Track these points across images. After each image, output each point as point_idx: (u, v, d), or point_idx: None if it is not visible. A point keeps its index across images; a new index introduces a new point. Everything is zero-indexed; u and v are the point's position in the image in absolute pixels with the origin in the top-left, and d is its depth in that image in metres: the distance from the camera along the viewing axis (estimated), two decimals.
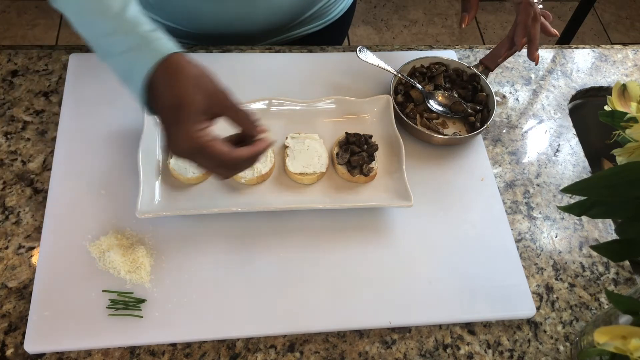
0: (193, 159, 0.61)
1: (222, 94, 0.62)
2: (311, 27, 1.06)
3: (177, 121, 0.59)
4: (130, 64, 0.61)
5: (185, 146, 0.59)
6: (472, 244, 0.80)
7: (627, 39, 2.60)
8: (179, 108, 0.59)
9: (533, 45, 0.89)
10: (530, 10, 0.86)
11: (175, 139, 0.60)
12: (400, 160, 0.83)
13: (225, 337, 0.70)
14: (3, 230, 0.75)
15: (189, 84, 0.60)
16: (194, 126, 0.59)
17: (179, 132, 0.59)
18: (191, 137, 0.59)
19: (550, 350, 0.74)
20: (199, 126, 0.60)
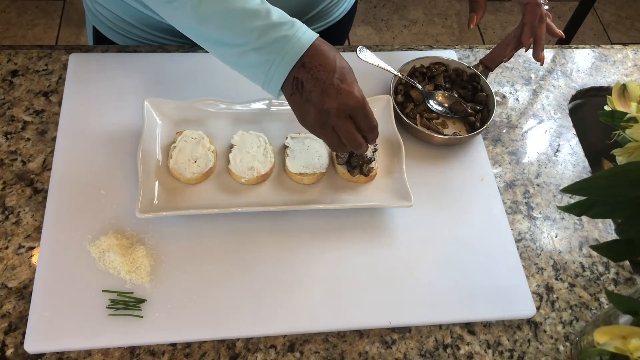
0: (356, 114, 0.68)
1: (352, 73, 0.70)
2: (313, 28, 1.06)
3: (350, 77, 0.68)
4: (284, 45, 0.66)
5: (356, 100, 0.67)
6: (472, 244, 0.80)
7: (627, 39, 2.60)
8: (348, 70, 0.68)
9: (539, 46, 0.90)
10: (537, 11, 0.87)
11: (350, 93, 0.66)
12: (400, 160, 0.83)
13: (225, 337, 0.70)
14: (3, 230, 0.75)
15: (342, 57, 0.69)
16: (359, 87, 0.69)
17: (353, 87, 0.67)
18: (362, 93, 0.68)
19: (550, 350, 0.74)
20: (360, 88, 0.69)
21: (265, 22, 0.66)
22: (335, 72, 0.66)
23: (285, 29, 0.67)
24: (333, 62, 0.67)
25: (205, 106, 0.85)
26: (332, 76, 0.66)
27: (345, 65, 0.68)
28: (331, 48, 0.68)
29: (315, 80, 0.66)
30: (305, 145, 0.82)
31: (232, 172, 0.80)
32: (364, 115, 0.69)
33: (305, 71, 0.66)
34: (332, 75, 0.66)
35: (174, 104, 0.84)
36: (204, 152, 0.80)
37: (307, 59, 0.66)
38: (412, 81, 0.92)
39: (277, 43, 0.66)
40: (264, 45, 0.67)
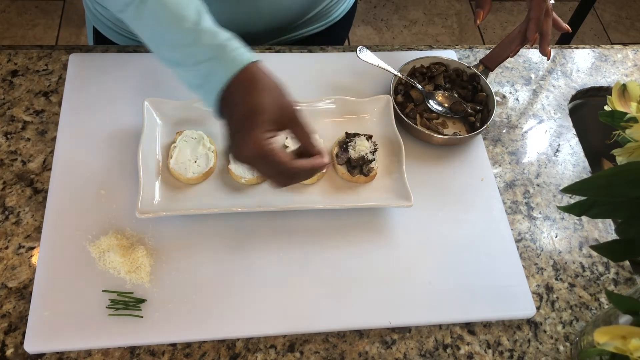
0: (255, 164, 0.64)
1: (291, 107, 0.66)
2: (312, 28, 1.06)
3: (248, 127, 0.62)
4: (206, 74, 0.64)
5: (251, 152, 0.62)
6: (472, 244, 0.80)
7: (627, 39, 2.60)
8: (252, 115, 0.62)
9: (545, 41, 0.90)
10: (543, 6, 0.87)
11: (243, 144, 0.62)
12: (400, 160, 0.83)
13: (225, 337, 0.70)
14: (3, 230, 0.75)
15: (264, 94, 0.63)
16: (263, 134, 0.62)
17: (248, 137, 0.62)
18: (259, 143, 0.62)
19: (550, 350, 0.74)
20: (267, 134, 0.63)
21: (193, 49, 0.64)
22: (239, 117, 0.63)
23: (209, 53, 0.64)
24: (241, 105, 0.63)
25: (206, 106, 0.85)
26: (235, 121, 0.63)
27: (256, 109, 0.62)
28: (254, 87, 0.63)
29: (228, 120, 0.64)
30: None
31: (232, 172, 0.80)
32: (269, 166, 0.63)
33: (225, 107, 0.64)
34: (235, 119, 0.63)
35: (174, 104, 0.84)
36: (204, 152, 0.80)
37: (226, 95, 0.63)
38: (412, 81, 0.92)
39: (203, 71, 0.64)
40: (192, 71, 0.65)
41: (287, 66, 0.95)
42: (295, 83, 0.92)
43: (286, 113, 0.65)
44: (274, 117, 0.63)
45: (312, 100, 0.88)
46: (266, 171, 0.64)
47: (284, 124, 0.65)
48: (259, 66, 0.64)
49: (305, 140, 0.67)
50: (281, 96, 0.65)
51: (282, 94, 0.65)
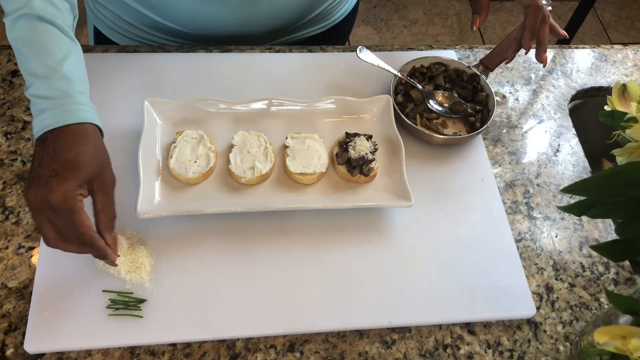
0: (50, 213, 0.61)
1: (110, 176, 0.66)
2: (313, 29, 1.06)
3: (64, 176, 0.61)
4: (41, 110, 0.63)
5: (57, 200, 0.60)
6: (472, 244, 0.80)
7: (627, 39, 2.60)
8: (73, 167, 0.61)
9: (542, 48, 0.90)
10: (538, 14, 0.86)
11: (52, 189, 0.60)
12: (400, 160, 0.83)
13: (225, 337, 0.70)
14: (3, 230, 0.75)
15: (90, 150, 0.63)
16: (76, 188, 0.62)
17: (62, 186, 0.60)
18: (70, 195, 0.61)
19: (550, 350, 0.74)
20: (79, 190, 0.62)
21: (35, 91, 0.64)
22: (57, 163, 0.61)
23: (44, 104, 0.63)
24: (65, 151, 0.61)
25: (205, 106, 0.85)
26: (51, 164, 0.61)
27: (77, 161, 0.62)
28: (85, 141, 0.63)
29: (40, 161, 0.61)
30: (305, 145, 0.82)
31: (232, 172, 0.80)
32: (67, 221, 0.61)
33: (42, 148, 0.62)
34: (52, 163, 0.61)
35: (174, 104, 0.84)
36: (204, 152, 0.80)
37: (50, 136, 0.62)
38: (412, 81, 0.92)
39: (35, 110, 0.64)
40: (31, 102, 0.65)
41: (287, 66, 0.95)
42: (295, 83, 0.93)
43: (103, 178, 0.65)
44: (90, 176, 0.63)
45: (312, 100, 0.88)
46: (57, 225, 0.62)
47: (95, 189, 0.64)
48: (95, 130, 0.65)
49: (105, 216, 0.66)
50: (105, 160, 0.66)
51: (106, 160, 0.66)
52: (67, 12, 0.70)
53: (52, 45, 0.66)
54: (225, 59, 0.95)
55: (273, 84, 0.92)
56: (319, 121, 0.88)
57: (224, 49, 0.97)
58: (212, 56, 0.95)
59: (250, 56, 0.96)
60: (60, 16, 0.68)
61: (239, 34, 0.97)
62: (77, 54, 0.68)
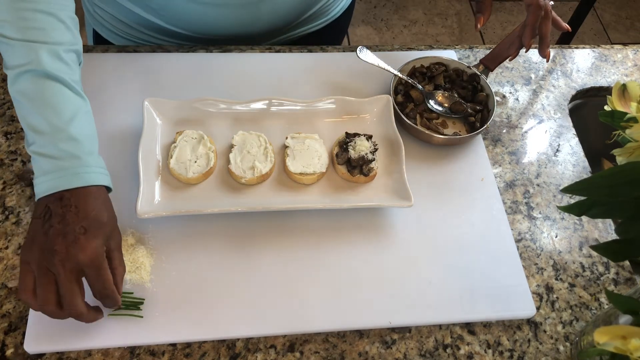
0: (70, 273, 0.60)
1: (119, 234, 0.67)
2: (311, 26, 1.06)
3: (93, 232, 0.61)
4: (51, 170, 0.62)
5: (89, 256, 0.60)
6: (472, 244, 0.80)
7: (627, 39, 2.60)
8: (99, 223, 0.62)
9: (544, 43, 0.91)
10: (539, 12, 0.87)
11: (83, 246, 0.60)
12: (400, 160, 0.83)
13: (225, 337, 0.70)
14: (3, 230, 0.75)
15: (107, 211, 0.64)
16: (102, 245, 0.62)
17: (91, 241, 0.61)
18: (100, 251, 0.62)
19: (550, 350, 0.74)
20: (103, 247, 0.63)
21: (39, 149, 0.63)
22: (85, 220, 0.61)
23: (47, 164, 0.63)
24: (90, 210, 0.62)
25: (205, 106, 0.85)
26: (78, 222, 0.61)
27: (101, 220, 0.63)
28: (102, 201, 0.64)
29: (62, 218, 0.61)
30: (305, 145, 0.82)
31: (232, 172, 0.80)
32: (96, 277, 0.61)
33: (59, 205, 0.61)
34: (79, 221, 0.61)
35: (174, 104, 0.84)
36: (204, 152, 0.80)
37: (67, 195, 0.62)
38: (412, 81, 0.92)
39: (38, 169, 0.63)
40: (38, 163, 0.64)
41: (287, 66, 0.95)
42: (295, 83, 0.93)
43: (117, 238, 0.66)
44: (108, 236, 0.64)
45: (312, 100, 0.88)
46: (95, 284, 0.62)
47: (112, 249, 0.65)
48: (106, 192, 0.66)
49: (121, 271, 0.66)
50: (115, 221, 0.66)
51: (115, 220, 0.67)
52: (74, 64, 0.68)
53: (60, 104, 0.64)
54: (225, 59, 0.95)
55: (273, 84, 0.92)
56: (319, 121, 0.88)
57: (224, 49, 0.97)
58: (212, 56, 0.95)
59: (250, 56, 0.96)
60: (68, 71, 0.66)
61: (238, 34, 0.97)
62: (86, 110, 0.67)
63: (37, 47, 0.64)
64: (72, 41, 0.69)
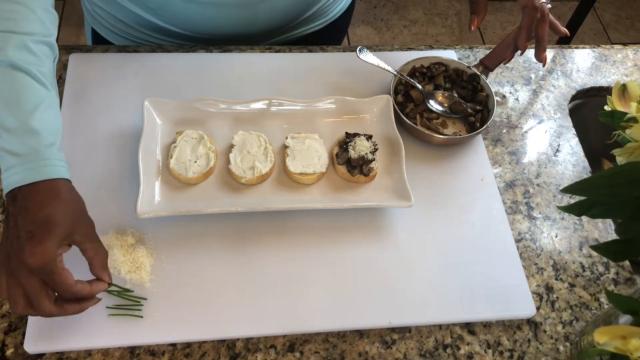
0: (26, 276, 0.58)
1: (89, 223, 0.64)
2: (311, 27, 1.06)
3: (40, 237, 0.58)
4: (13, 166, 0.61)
5: (36, 262, 0.58)
6: (472, 244, 0.80)
7: (627, 39, 2.60)
8: (47, 226, 0.59)
9: (540, 47, 0.89)
10: (534, 14, 0.86)
11: (30, 253, 0.58)
12: (400, 160, 0.83)
13: (225, 337, 0.70)
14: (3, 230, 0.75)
15: (62, 207, 0.61)
16: (55, 248, 0.59)
17: (39, 247, 0.58)
18: (50, 256, 0.58)
19: (550, 350, 0.74)
20: (59, 249, 0.60)
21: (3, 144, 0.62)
22: (32, 224, 0.59)
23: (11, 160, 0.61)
24: (38, 211, 0.59)
25: (205, 106, 0.85)
26: (26, 226, 0.58)
27: (52, 220, 0.59)
28: (55, 197, 0.61)
29: (15, 221, 0.59)
30: (305, 145, 0.82)
31: (232, 172, 0.80)
32: (52, 282, 0.59)
33: (14, 205, 0.60)
34: (27, 225, 0.58)
35: (174, 104, 0.84)
36: (204, 152, 0.80)
37: (19, 194, 0.60)
38: (412, 81, 0.92)
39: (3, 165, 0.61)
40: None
41: (287, 66, 0.95)
42: (295, 83, 0.93)
43: (84, 229, 0.63)
44: (68, 231, 0.61)
45: (312, 100, 0.88)
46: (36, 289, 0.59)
47: (77, 240, 0.63)
48: (65, 183, 0.63)
49: (99, 260, 0.64)
50: (81, 212, 0.64)
51: (81, 210, 0.64)
52: (45, 56, 0.67)
53: (23, 96, 0.63)
54: (225, 59, 0.95)
55: (273, 84, 0.92)
56: (319, 121, 0.88)
57: (224, 49, 0.97)
58: (212, 56, 0.95)
59: (250, 56, 0.96)
60: (37, 62, 0.65)
61: (237, 34, 0.97)
62: (50, 102, 0.65)
63: (4, 37, 0.63)
64: (44, 32, 0.67)
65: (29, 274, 0.59)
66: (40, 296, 0.59)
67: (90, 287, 0.63)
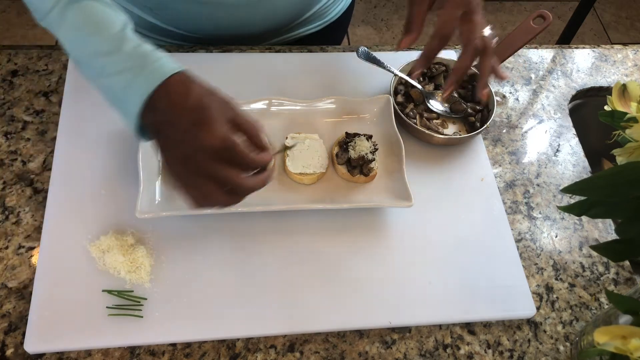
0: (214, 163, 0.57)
1: (232, 102, 0.62)
2: (310, 27, 1.06)
3: (205, 118, 0.57)
4: (129, 83, 0.60)
5: (217, 141, 0.56)
6: (472, 244, 0.80)
7: (627, 39, 2.60)
8: (203, 108, 0.58)
9: (481, 82, 0.83)
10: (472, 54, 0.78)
11: (206, 135, 0.57)
12: (400, 160, 0.83)
13: (225, 337, 0.70)
14: (3, 230, 0.75)
15: (202, 93, 0.59)
16: (223, 122, 0.58)
17: (210, 127, 0.57)
18: (224, 130, 0.57)
19: (550, 350, 0.74)
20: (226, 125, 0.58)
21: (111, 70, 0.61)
22: (187, 113, 0.58)
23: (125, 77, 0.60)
24: (184, 102, 0.58)
25: None
26: (184, 118, 0.58)
27: (202, 104, 0.58)
28: (189, 85, 0.60)
29: (170, 124, 0.58)
30: (305, 145, 0.82)
31: None
32: (235, 156, 0.58)
33: (156, 116, 0.59)
34: (184, 117, 0.58)
35: None
36: None
37: (155, 103, 0.58)
38: (412, 81, 0.92)
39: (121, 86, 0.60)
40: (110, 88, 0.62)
41: (287, 66, 0.95)
42: (295, 83, 0.93)
43: (229, 107, 0.61)
44: (222, 111, 0.59)
45: (312, 100, 0.88)
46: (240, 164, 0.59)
47: (230, 119, 0.60)
48: (186, 73, 0.61)
49: (254, 134, 0.62)
50: (217, 94, 0.61)
51: (217, 92, 0.62)
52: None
53: (106, 20, 0.62)
54: (225, 59, 0.95)
55: (273, 84, 0.92)
56: (319, 121, 0.88)
57: (224, 49, 0.97)
58: (212, 56, 0.95)
59: (250, 56, 0.96)
60: None
61: (237, 34, 0.97)
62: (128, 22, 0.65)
63: None
64: None
65: (214, 160, 0.57)
66: (233, 175, 0.58)
67: (263, 155, 0.61)
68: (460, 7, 0.76)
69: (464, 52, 0.78)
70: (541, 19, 0.93)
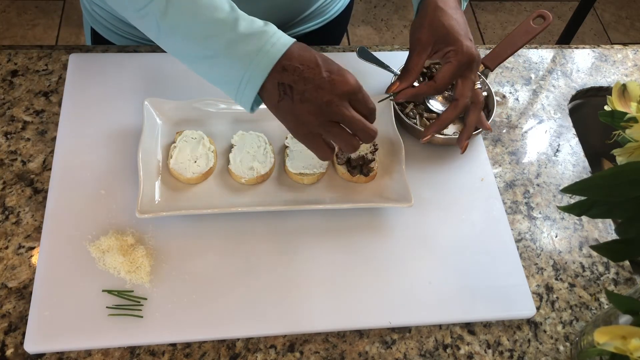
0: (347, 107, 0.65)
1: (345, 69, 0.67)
2: (310, 25, 1.06)
3: (335, 68, 0.65)
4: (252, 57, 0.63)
5: (349, 85, 0.64)
6: (472, 244, 0.80)
7: (627, 39, 2.60)
8: (330, 63, 0.65)
9: (465, 133, 0.82)
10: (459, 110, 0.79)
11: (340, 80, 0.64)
12: (400, 160, 0.83)
13: (225, 337, 0.70)
14: (3, 230, 0.75)
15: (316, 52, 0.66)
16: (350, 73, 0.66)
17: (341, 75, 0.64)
18: (352, 77, 0.65)
19: (550, 350, 0.74)
20: None
21: (232, 36, 0.64)
22: (321, 66, 0.64)
23: (253, 42, 0.64)
24: (314, 58, 0.65)
25: (205, 106, 0.85)
26: (319, 70, 0.64)
27: (326, 58, 0.66)
28: (307, 48, 0.66)
29: (304, 79, 0.63)
30: None
31: (232, 172, 0.80)
32: (362, 99, 0.66)
33: (288, 74, 0.63)
34: (319, 69, 0.64)
35: (174, 104, 0.84)
36: (204, 152, 0.80)
37: (286, 63, 0.63)
38: None
39: (245, 58, 0.63)
40: (231, 60, 0.64)
41: None
42: None
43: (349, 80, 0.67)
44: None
45: None
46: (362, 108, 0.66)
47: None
48: (301, 45, 0.66)
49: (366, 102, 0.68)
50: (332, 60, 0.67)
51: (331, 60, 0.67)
52: None
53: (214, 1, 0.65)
54: None
55: None
56: None
57: None
58: None
59: None
60: None
61: None
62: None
63: None
64: None
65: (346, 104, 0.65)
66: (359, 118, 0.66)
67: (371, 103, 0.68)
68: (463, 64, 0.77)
69: (454, 106, 0.78)
70: (541, 19, 0.93)
